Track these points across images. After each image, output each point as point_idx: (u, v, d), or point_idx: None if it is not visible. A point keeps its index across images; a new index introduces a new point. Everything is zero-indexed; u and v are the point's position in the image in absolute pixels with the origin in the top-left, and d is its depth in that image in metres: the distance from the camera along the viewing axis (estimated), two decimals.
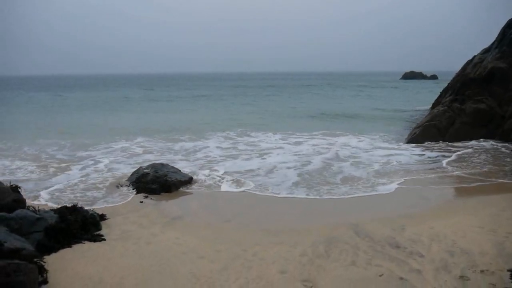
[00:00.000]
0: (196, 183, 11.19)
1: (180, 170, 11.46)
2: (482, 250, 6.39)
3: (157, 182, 10.48)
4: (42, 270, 5.51)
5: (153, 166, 11.30)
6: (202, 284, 5.51)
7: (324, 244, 6.78)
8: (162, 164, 11.47)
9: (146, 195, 10.05)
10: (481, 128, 17.04)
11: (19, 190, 8.10)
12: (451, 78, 23.38)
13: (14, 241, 5.55)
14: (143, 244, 6.90)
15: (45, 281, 5.43)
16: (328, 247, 6.64)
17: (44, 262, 5.77)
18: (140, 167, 11.53)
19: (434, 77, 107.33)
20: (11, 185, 8.05)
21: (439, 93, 25.58)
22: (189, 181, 11.13)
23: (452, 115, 17.49)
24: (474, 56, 21.75)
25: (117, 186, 10.79)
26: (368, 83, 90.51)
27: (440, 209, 8.76)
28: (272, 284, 5.49)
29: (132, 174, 11.26)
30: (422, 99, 39.16)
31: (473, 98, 17.72)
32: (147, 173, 10.85)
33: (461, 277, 5.58)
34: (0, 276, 4.78)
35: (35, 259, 5.58)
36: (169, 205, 9.56)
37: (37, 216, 6.91)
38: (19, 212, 6.88)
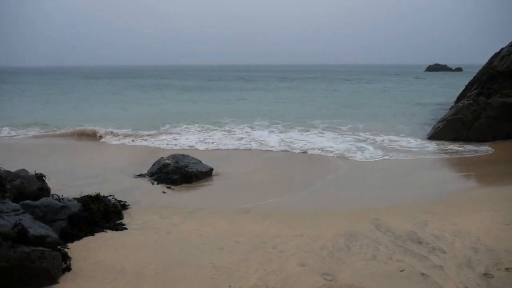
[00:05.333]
0: (217, 175, 11.23)
1: (201, 161, 11.51)
2: (507, 248, 6.22)
3: (178, 173, 10.57)
4: (65, 257, 5.61)
5: (174, 156, 11.38)
6: (222, 274, 5.53)
7: (345, 237, 6.72)
8: (183, 155, 11.55)
9: (168, 185, 10.14)
10: (508, 123, 16.57)
11: (44, 178, 8.27)
12: (476, 71, 22.74)
13: (38, 229, 5.66)
14: (164, 234, 6.96)
15: (68, 268, 5.52)
16: (348, 241, 6.58)
17: (67, 249, 5.89)
18: (161, 157, 11.63)
19: (459, 69, 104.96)
20: (36, 174, 8.23)
21: (464, 87, 24.99)
22: (210, 172, 11.18)
23: (477, 109, 17.04)
24: (502, 49, 21.06)
25: (139, 176, 10.93)
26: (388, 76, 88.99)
27: (464, 205, 8.56)
28: (292, 276, 5.47)
29: (153, 165, 11.38)
30: (447, 93, 38.32)
31: (500, 92, 17.21)
32: (168, 164, 10.94)
33: (485, 274, 5.45)
34: (25, 263, 4.90)
35: (59, 247, 5.68)
36: (190, 196, 9.63)
37: (61, 204, 7.03)
38: (44, 200, 7.02)
